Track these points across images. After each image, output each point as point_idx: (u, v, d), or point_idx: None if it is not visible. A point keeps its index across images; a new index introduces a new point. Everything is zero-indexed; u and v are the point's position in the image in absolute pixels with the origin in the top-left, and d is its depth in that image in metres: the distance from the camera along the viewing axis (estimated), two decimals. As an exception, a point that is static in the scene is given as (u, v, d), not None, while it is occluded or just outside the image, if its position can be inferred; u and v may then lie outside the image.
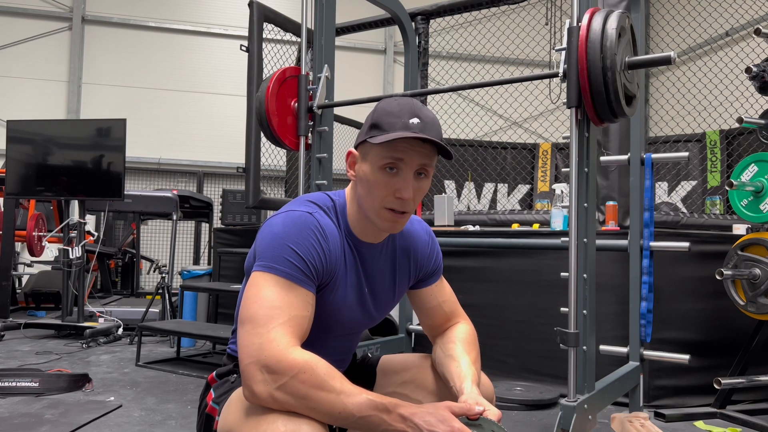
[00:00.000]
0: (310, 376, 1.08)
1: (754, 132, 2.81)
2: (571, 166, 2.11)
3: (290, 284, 1.17)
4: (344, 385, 1.09)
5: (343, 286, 1.31)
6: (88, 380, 3.08)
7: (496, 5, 4.71)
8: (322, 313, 1.28)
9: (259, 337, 1.11)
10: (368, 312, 1.40)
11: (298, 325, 1.16)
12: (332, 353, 1.34)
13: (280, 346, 1.10)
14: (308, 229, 1.22)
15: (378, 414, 1.07)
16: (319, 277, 1.24)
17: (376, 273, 1.38)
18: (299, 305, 1.17)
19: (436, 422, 1.06)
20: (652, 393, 2.88)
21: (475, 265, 3.48)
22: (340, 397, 1.07)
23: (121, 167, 4.48)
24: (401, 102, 1.26)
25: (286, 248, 1.19)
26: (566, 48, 2.04)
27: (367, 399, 1.08)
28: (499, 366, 3.34)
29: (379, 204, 1.25)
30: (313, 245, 1.22)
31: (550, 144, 6.84)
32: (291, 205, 1.29)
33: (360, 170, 1.27)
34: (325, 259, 1.24)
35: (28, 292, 6.11)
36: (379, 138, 1.21)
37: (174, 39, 9.99)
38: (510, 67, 8.60)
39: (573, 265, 2.10)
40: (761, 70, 2.64)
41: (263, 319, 1.13)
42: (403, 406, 1.09)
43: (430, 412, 1.08)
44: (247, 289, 1.19)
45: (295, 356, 1.09)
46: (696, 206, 5.63)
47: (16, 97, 9.33)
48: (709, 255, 2.95)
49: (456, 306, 1.52)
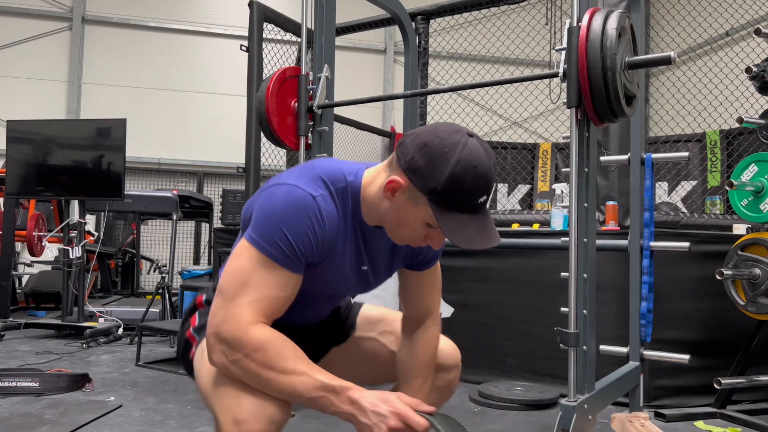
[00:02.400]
0: (263, 356, 1.12)
1: (754, 132, 2.81)
2: (571, 166, 2.11)
3: (273, 265, 1.17)
4: (297, 365, 1.13)
5: (339, 264, 1.30)
6: (88, 380, 3.08)
7: (496, 5, 4.70)
8: (312, 282, 1.29)
9: (224, 310, 1.15)
10: (364, 283, 1.41)
11: (269, 306, 1.17)
12: (318, 309, 1.45)
13: (240, 323, 1.13)
14: (306, 215, 1.18)
15: (327, 395, 1.12)
16: (308, 259, 1.22)
17: (377, 253, 1.37)
18: (276, 286, 1.18)
19: (380, 403, 1.10)
20: (652, 393, 2.88)
21: (475, 265, 3.48)
22: (290, 378, 1.11)
23: (121, 167, 4.48)
24: (480, 171, 1.14)
25: (278, 230, 1.16)
26: (566, 48, 2.04)
27: (317, 380, 1.12)
28: (499, 366, 3.34)
29: (405, 239, 1.25)
30: (306, 232, 1.18)
31: (550, 144, 6.84)
32: (301, 177, 1.22)
33: (401, 205, 1.20)
34: (318, 245, 1.21)
35: (28, 292, 6.11)
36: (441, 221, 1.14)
37: (174, 39, 9.99)
38: (510, 67, 8.60)
39: (573, 265, 2.10)
40: (761, 70, 2.64)
41: (233, 295, 1.15)
42: (352, 389, 1.13)
43: (377, 395, 1.12)
44: (231, 258, 1.21)
45: (252, 335, 1.13)
46: (696, 206, 5.63)
47: (16, 97, 9.33)
48: (709, 255, 2.94)
49: (434, 303, 1.51)
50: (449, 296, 3.55)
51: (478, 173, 1.14)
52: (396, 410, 1.10)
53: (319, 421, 2.59)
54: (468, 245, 1.15)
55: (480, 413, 2.81)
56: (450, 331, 3.56)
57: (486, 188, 1.16)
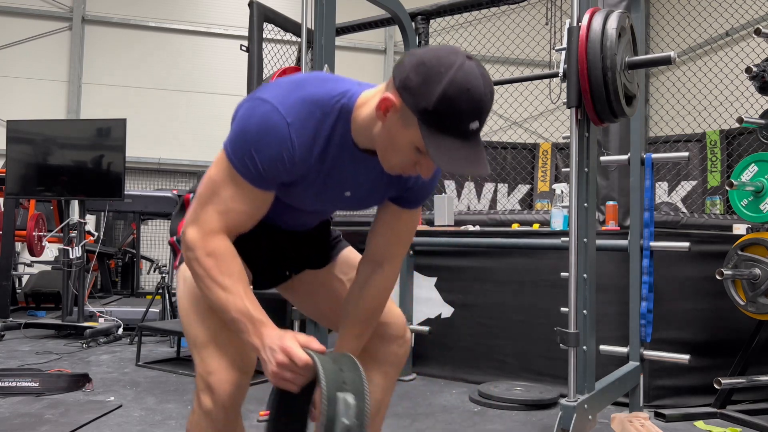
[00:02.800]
0: (210, 266, 1.21)
1: (754, 132, 2.81)
2: (571, 166, 2.11)
3: (241, 181, 1.22)
4: (235, 286, 1.21)
5: (320, 188, 1.30)
6: (88, 380, 3.08)
7: (496, 5, 4.70)
8: (293, 199, 1.33)
9: (195, 213, 1.25)
10: (348, 206, 1.42)
11: (233, 219, 1.25)
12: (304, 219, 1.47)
13: (203, 228, 1.23)
14: (276, 142, 1.18)
15: (245, 322, 1.19)
16: (277, 180, 1.24)
17: (365, 180, 1.34)
18: (243, 201, 1.24)
19: (276, 340, 1.16)
20: (652, 393, 2.88)
21: (475, 265, 3.48)
22: (225, 294, 1.20)
23: (121, 167, 4.48)
24: (474, 95, 1.11)
25: (248, 151, 1.19)
26: (566, 48, 2.04)
27: (244, 306, 1.20)
28: (499, 366, 3.34)
29: (395, 165, 1.22)
30: (274, 158, 1.19)
31: (550, 144, 6.83)
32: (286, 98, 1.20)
33: (392, 126, 1.17)
34: (287, 171, 1.22)
35: (28, 292, 6.10)
36: (429, 143, 1.12)
37: (174, 39, 9.99)
38: (510, 67, 8.59)
39: (573, 265, 2.10)
40: (761, 70, 2.64)
41: (204, 201, 1.25)
42: (267, 326, 1.19)
43: (279, 334, 1.18)
44: (211, 167, 1.28)
45: (209, 242, 1.22)
46: (696, 206, 5.62)
47: (16, 97, 9.32)
48: (709, 255, 2.94)
49: (400, 249, 1.47)
50: (449, 296, 3.55)
51: (471, 96, 1.10)
52: (284, 346, 1.15)
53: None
54: (453, 168, 1.13)
55: (480, 413, 2.80)
56: (450, 331, 3.59)
57: (478, 113, 1.12)
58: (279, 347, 1.15)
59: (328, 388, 1.07)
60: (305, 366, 1.14)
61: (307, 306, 1.65)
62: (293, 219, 1.46)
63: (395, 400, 2.97)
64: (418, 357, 3.53)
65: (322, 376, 1.08)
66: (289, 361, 1.14)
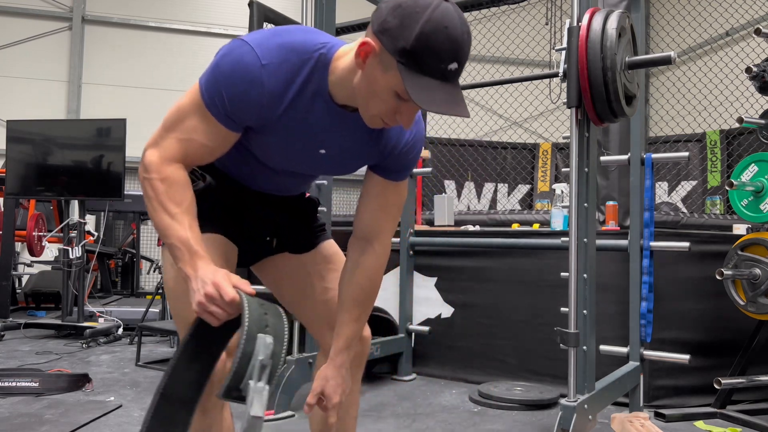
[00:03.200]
0: (161, 191, 1.23)
1: (754, 132, 2.81)
2: (571, 166, 2.11)
3: (207, 114, 1.24)
4: (181, 216, 1.23)
5: (290, 140, 1.30)
6: (88, 380, 3.08)
7: (496, 5, 4.70)
8: (264, 152, 1.34)
9: (158, 136, 1.27)
10: (323, 167, 1.40)
11: (192, 150, 1.26)
12: (281, 182, 1.46)
13: (163, 153, 1.25)
14: (246, 82, 1.19)
15: (183, 250, 1.21)
16: (243, 122, 1.25)
17: (340, 138, 1.33)
18: (205, 134, 1.25)
19: (208, 274, 1.18)
20: (652, 393, 2.88)
21: (475, 265, 3.48)
22: (170, 220, 1.23)
23: (121, 167, 4.47)
24: (452, 33, 1.11)
25: (218, 86, 1.21)
26: (566, 48, 2.05)
27: (186, 237, 1.22)
28: (499, 366, 3.34)
29: (375, 114, 1.21)
30: (242, 98, 1.20)
31: (550, 144, 6.84)
32: (267, 41, 1.22)
33: (372, 72, 1.16)
34: (253, 113, 1.23)
35: (28, 292, 6.10)
36: (408, 84, 1.11)
37: (174, 39, 9.99)
38: (510, 67, 8.59)
39: (573, 265, 2.10)
40: (761, 70, 2.64)
41: (169, 127, 1.27)
42: (203, 258, 1.21)
43: (213, 270, 1.20)
44: (182, 96, 1.29)
45: (166, 168, 1.24)
46: (696, 206, 5.63)
47: (16, 97, 9.32)
48: (709, 255, 2.94)
49: (387, 224, 1.45)
50: (449, 296, 3.55)
51: (449, 35, 1.10)
52: (215, 281, 1.17)
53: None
54: (432, 108, 1.13)
55: (480, 413, 2.80)
56: (450, 331, 3.59)
57: (456, 54, 1.12)
58: (210, 280, 1.17)
59: (249, 327, 1.10)
60: (231, 303, 1.15)
61: (273, 290, 1.65)
62: (270, 181, 1.45)
63: (395, 400, 2.97)
64: (418, 357, 3.53)
65: (246, 314, 1.11)
66: (217, 295, 1.16)
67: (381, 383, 3.30)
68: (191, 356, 1.25)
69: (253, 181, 1.44)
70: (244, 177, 1.44)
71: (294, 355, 2.75)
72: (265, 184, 1.47)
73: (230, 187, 1.45)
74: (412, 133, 1.38)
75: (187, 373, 1.25)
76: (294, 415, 2.66)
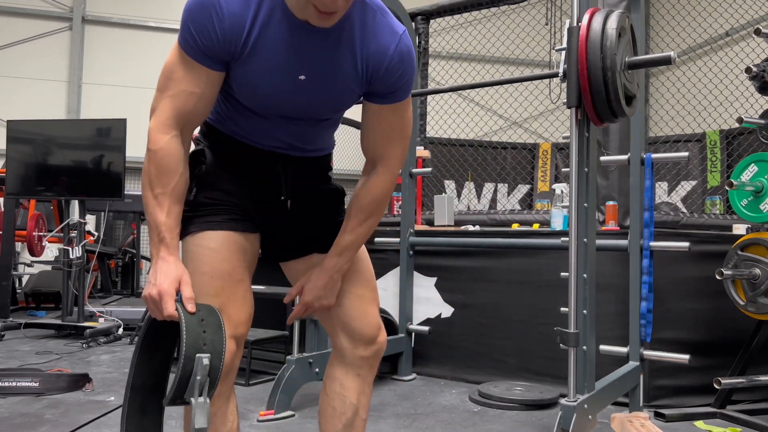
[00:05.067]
0: (152, 167, 1.29)
1: (754, 132, 2.81)
2: (571, 166, 2.11)
3: (189, 60, 1.29)
4: (162, 197, 1.28)
5: (267, 67, 1.28)
6: (88, 380, 3.08)
7: (496, 5, 4.71)
8: (250, 93, 1.34)
9: (155, 100, 1.32)
10: (308, 98, 1.34)
11: (184, 102, 1.29)
12: (281, 136, 1.43)
13: (158, 118, 1.30)
14: (206, 10, 1.23)
15: (154, 233, 1.27)
16: (218, 54, 1.27)
17: (315, 59, 1.30)
18: (191, 81, 1.29)
19: (165, 273, 1.23)
20: (652, 393, 2.88)
21: (475, 265, 3.48)
22: (153, 200, 1.28)
23: (122, 167, 4.48)
24: None
25: (186, 25, 1.26)
26: (566, 48, 2.05)
27: (160, 220, 1.27)
28: (499, 366, 3.34)
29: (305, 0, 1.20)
30: (207, 27, 1.24)
31: (550, 144, 6.84)
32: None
33: None
34: (220, 41, 1.24)
35: (28, 292, 6.11)
36: None
37: (174, 39, 9.95)
38: (510, 67, 8.59)
39: (573, 265, 2.10)
40: (761, 70, 2.64)
41: (161, 87, 1.32)
42: (170, 248, 1.26)
43: (176, 268, 1.25)
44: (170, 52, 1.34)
45: (159, 138, 1.29)
46: (696, 206, 5.63)
47: (16, 97, 9.32)
48: (709, 255, 2.94)
49: (389, 150, 1.43)
50: (449, 296, 3.55)
51: None
52: (161, 288, 1.22)
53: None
54: None
55: (480, 413, 2.81)
56: (450, 331, 3.59)
57: None
58: (159, 285, 1.22)
59: (186, 350, 1.17)
60: (169, 317, 1.21)
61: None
62: (270, 134, 1.42)
63: (395, 400, 2.97)
64: (418, 357, 3.54)
65: (184, 336, 1.17)
66: (158, 303, 1.22)
67: (381, 383, 3.30)
68: (148, 348, 1.34)
69: (256, 135, 1.42)
70: (245, 133, 1.43)
71: (294, 355, 2.75)
72: (267, 138, 1.43)
73: (238, 151, 1.44)
74: (395, 47, 1.32)
75: (149, 364, 1.34)
76: (294, 414, 2.66)
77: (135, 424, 1.34)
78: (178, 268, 1.26)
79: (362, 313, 1.49)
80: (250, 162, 1.44)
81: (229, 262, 1.36)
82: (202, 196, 1.39)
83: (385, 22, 1.33)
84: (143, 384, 1.35)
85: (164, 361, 1.37)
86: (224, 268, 1.35)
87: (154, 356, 1.35)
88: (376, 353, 1.52)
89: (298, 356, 2.73)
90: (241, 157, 1.44)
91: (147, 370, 1.35)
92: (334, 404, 1.51)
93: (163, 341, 1.35)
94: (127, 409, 1.33)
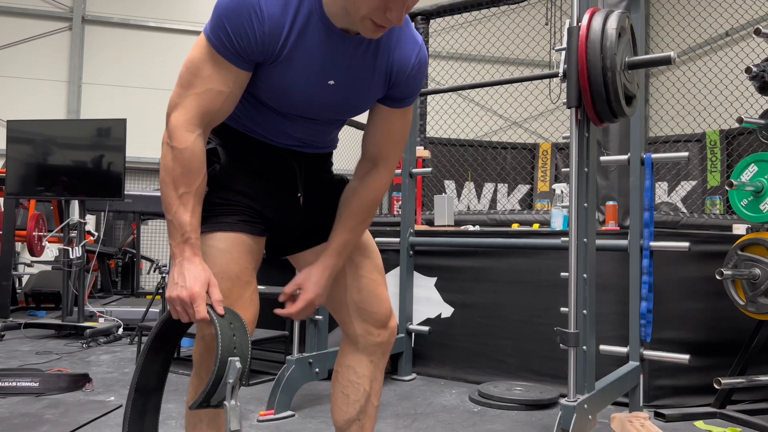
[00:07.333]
0: (176, 165, 1.26)
1: (754, 132, 2.81)
2: (571, 166, 2.11)
3: (218, 58, 1.25)
4: (186, 197, 1.25)
5: (298, 71, 1.29)
6: (88, 380, 3.08)
7: (496, 5, 4.71)
8: (277, 94, 1.33)
9: (177, 96, 1.29)
10: (337, 102, 1.37)
11: (211, 101, 1.27)
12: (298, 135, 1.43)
13: (184, 116, 1.27)
14: (246, 10, 1.21)
15: (178, 233, 1.25)
16: (251, 56, 1.26)
17: (347, 66, 1.32)
18: (219, 80, 1.26)
19: (193, 274, 1.22)
20: (652, 393, 2.88)
21: (475, 265, 3.48)
22: (175, 197, 1.25)
23: (122, 167, 4.48)
24: None
25: (222, 23, 1.22)
26: (566, 48, 2.05)
27: (185, 220, 1.25)
28: (499, 366, 3.34)
29: (365, 14, 1.20)
30: (245, 27, 1.21)
31: (550, 144, 6.84)
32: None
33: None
34: (258, 42, 1.23)
35: (28, 292, 6.11)
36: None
37: (174, 39, 9.99)
38: (510, 67, 8.60)
39: (573, 265, 2.10)
40: (761, 70, 2.64)
41: (185, 84, 1.28)
42: (194, 248, 1.25)
43: (201, 269, 1.23)
44: (193, 47, 1.30)
45: (186, 137, 1.26)
46: (696, 206, 5.63)
47: (16, 97, 9.33)
48: (709, 255, 2.95)
49: (392, 150, 1.48)
50: (449, 296, 3.55)
51: None
52: (193, 291, 1.20)
53: (318, 421, 2.59)
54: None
55: (480, 413, 2.81)
56: (450, 331, 3.59)
57: None
58: (190, 288, 1.20)
59: (221, 353, 1.18)
60: (201, 320, 1.21)
61: None
62: (288, 133, 1.43)
63: (395, 400, 2.97)
64: (418, 357, 3.54)
65: (219, 340, 1.19)
66: (189, 307, 1.21)
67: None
68: (156, 351, 1.35)
69: (273, 133, 1.43)
70: (263, 131, 1.42)
71: (294, 355, 2.75)
72: (284, 137, 1.44)
73: (252, 148, 1.44)
74: (417, 55, 1.39)
75: (153, 366, 1.36)
76: (294, 414, 2.66)
77: (136, 425, 1.35)
78: (206, 270, 1.25)
79: (376, 296, 1.53)
80: (265, 159, 1.45)
81: (238, 264, 1.36)
82: (213, 195, 1.38)
83: (408, 31, 1.39)
84: (147, 385, 1.36)
85: (165, 362, 1.38)
86: (233, 270, 1.35)
87: (158, 358, 1.36)
88: (389, 338, 1.57)
89: (298, 356, 2.73)
90: (255, 154, 1.44)
91: (151, 371, 1.36)
92: (348, 392, 1.54)
93: (167, 343, 1.36)
94: (130, 409, 1.33)
